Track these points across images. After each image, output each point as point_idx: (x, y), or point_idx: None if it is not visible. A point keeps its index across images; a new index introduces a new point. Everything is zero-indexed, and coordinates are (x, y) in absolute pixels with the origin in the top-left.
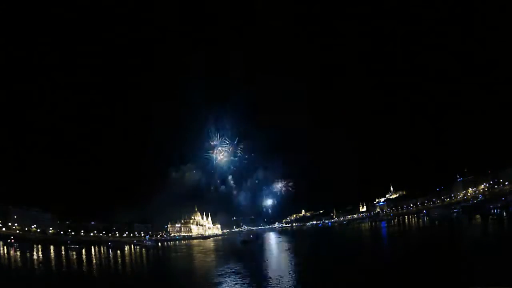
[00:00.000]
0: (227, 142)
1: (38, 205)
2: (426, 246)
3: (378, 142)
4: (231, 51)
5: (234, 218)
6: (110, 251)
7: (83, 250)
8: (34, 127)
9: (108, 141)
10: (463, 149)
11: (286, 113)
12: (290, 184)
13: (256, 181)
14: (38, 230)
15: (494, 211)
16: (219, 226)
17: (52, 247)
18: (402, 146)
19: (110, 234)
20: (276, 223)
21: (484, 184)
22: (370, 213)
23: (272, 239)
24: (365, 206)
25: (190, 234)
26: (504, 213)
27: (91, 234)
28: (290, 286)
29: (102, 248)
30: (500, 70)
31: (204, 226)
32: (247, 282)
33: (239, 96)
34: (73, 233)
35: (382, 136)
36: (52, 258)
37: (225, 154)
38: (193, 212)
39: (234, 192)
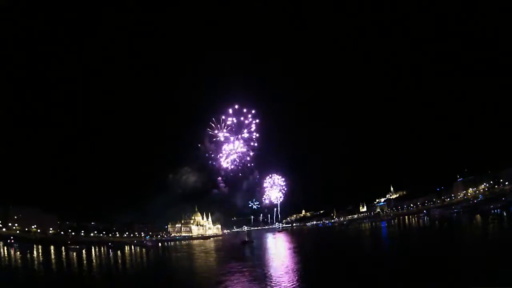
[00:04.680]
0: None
1: (38, 205)
2: (426, 246)
3: (378, 142)
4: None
5: (234, 219)
6: (111, 251)
7: (84, 250)
8: (35, 128)
9: (108, 142)
10: (463, 149)
11: (287, 113)
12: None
13: (257, 182)
14: (39, 230)
15: (494, 211)
16: (219, 226)
17: (52, 247)
18: (402, 147)
19: (110, 234)
20: (277, 223)
21: (484, 184)
22: (370, 213)
23: (272, 238)
24: (365, 206)
25: (191, 234)
26: (504, 213)
27: (92, 234)
28: (291, 285)
29: (102, 248)
30: (500, 71)
31: (204, 226)
32: (250, 281)
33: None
34: (73, 233)
35: (382, 136)
36: (53, 258)
37: (227, 156)
38: (193, 212)
39: (234, 192)
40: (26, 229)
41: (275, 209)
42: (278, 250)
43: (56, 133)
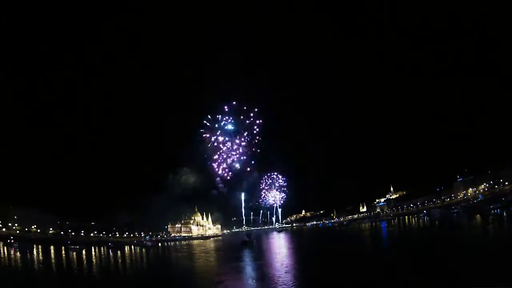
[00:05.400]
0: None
1: (38, 206)
2: (426, 246)
3: (378, 142)
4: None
5: (234, 219)
6: (111, 251)
7: (83, 251)
8: (35, 128)
9: (108, 141)
10: (463, 149)
11: (287, 113)
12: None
13: (257, 182)
14: (39, 231)
15: (494, 211)
16: (219, 226)
17: (52, 248)
18: (403, 146)
19: (110, 234)
20: (277, 223)
21: (484, 184)
22: (370, 213)
23: (272, 238)
24: (365, 206)
25: (191, 234)
26: (504, 213)
27: (91, 234)
28: (291, 284)
29: (102, 248)
30: (501, 71)
31: (204, 226)
32: (250, 281)
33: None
34: (73, 233)
35: (382, 136)
36: (52, 258)
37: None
38: (193, 212)
39: (234, 193)
40: (26, 229)
41: (275, 209)
42: (278, 250)
43: (56, 133)
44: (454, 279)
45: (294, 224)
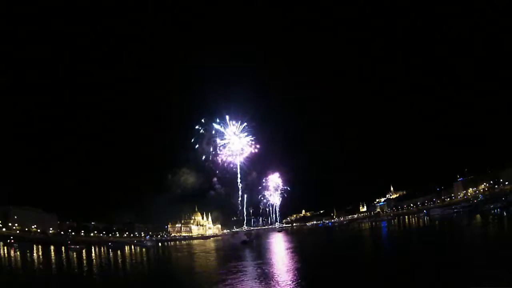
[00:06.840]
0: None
1: (38, 205)
2: (426, 246)
3: (378, 142)
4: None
5: (234, 218)
6: (111, 251)
7: (84, 250)
8: (35, 128)
9: (108, 142)
10: (463, 149)
11: (286, 113)
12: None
13: (257, 181)
14: (39, 230)
15: (494, 211)
16: (219, 226)
17: (52, 247)
18: (402, 146)
19: (110, 234)
20: (277, 223)
21: (484, 184)
22: (370, 213)
23: (272, 238)
24: (365, 206)
25: (191, 234)
26: (504, 213)
27: (92, 234)
28: (291, 283)
29: (102, 248)
30: (500, 71)
31: (204, 226)
32: (251, 279)
33: (239, 95)
34: (73, 233)
35: (382, 136)
36: (53, 258)
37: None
38: (193, 212)
39: (234, 193)
40: (26, 229)
41: (275, 209)
42: (278, 250)
43: (56, 133)
44: (454, 279)
45: (294, 224)
